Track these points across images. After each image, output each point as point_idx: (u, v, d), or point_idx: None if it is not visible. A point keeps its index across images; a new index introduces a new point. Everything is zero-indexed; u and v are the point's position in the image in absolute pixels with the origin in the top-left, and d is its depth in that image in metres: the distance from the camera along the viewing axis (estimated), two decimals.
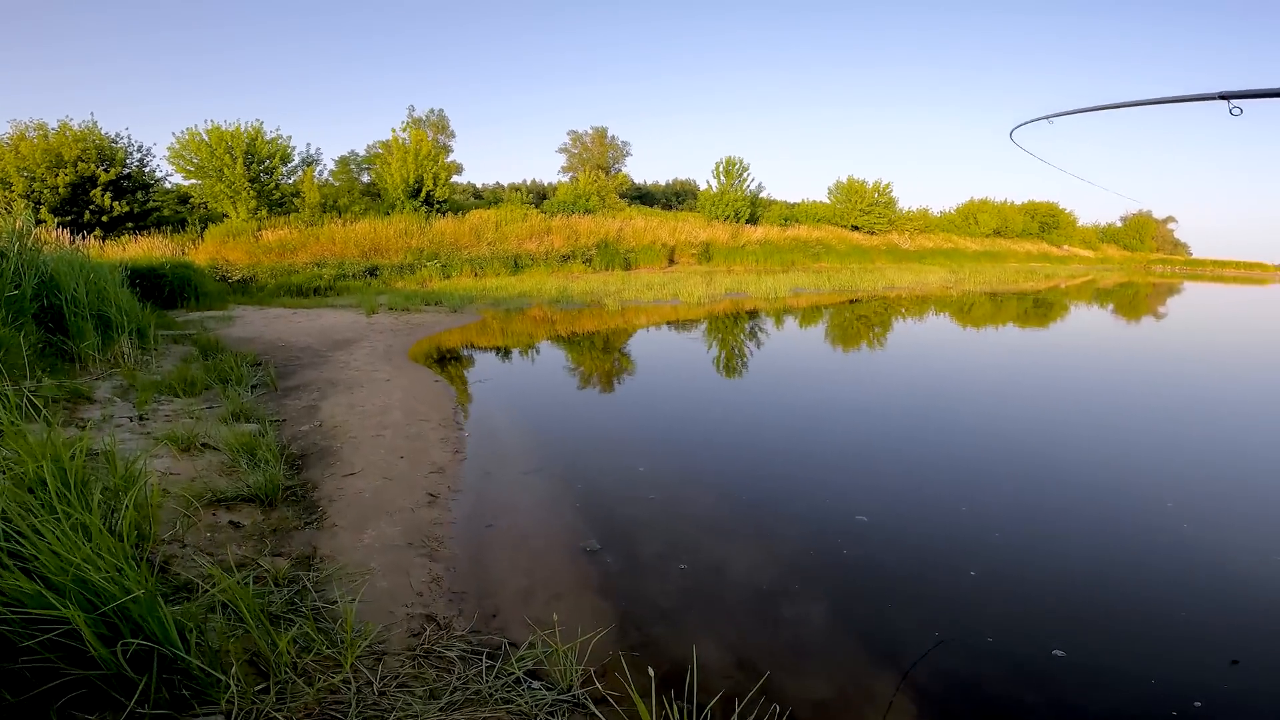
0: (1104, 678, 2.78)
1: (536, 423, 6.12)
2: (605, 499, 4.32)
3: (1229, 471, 5.68)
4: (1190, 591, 3.50)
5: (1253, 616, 3.29)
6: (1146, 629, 3.15)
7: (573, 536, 3.79)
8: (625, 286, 17.47)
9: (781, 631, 2.99)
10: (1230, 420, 7.51)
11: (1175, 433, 6.89)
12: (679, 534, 3.86)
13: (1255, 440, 6.75)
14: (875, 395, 8.04)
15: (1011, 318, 17.28)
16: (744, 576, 3.42)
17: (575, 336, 11.20)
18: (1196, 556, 3.93)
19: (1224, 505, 4.89)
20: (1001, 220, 46.62)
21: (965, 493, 4.78)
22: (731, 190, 30.47)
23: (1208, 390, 9.37)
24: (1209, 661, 2.91)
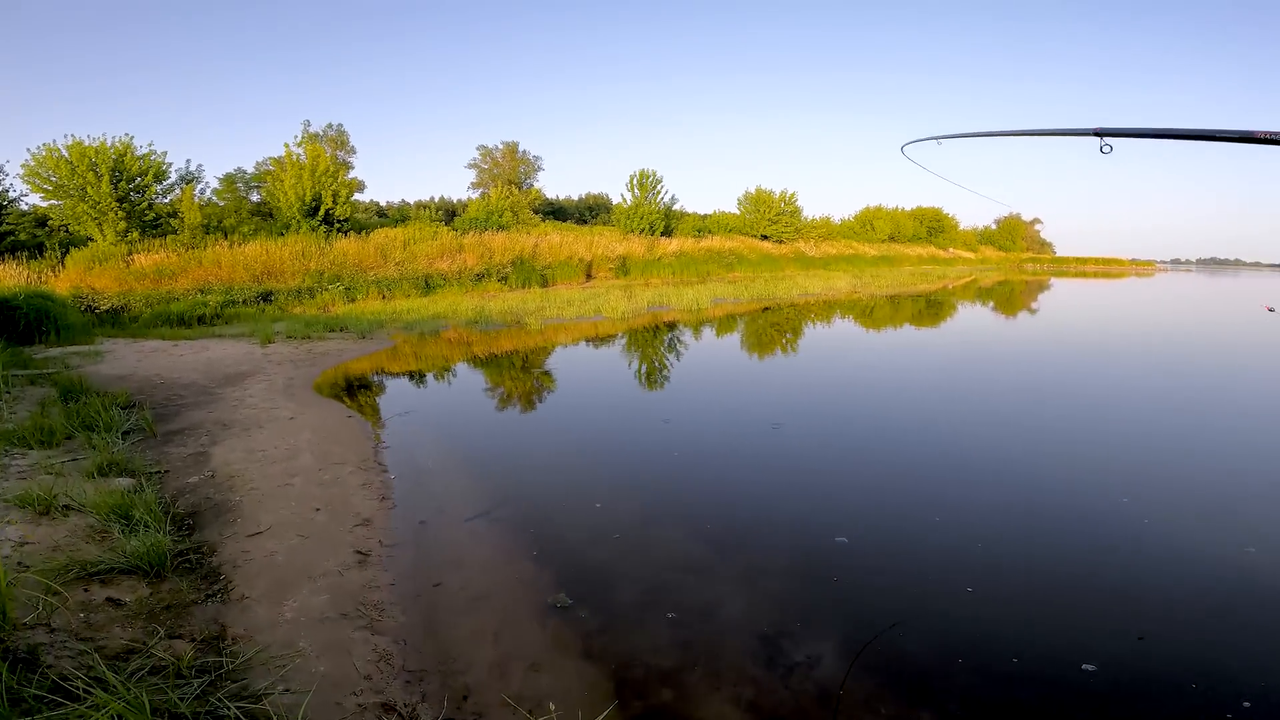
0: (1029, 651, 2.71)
1: (472, 459, 5.54)
2: (565, 544, 3.88)
3: (1146, 456, 6.01)
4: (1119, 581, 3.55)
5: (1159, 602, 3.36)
6: (1064, 610, 3.13)
7: (538, 592, 3.34)
8: (545, 304, 16.98)
9: (798, 682, 2.69)
10: (1133, 401, 8.06)
11: (1089, 420, 7.28)
12: (655, 577, 3.50)
13: (1161, 421, 7.25)
14: (821, 403, 8.04)
15: (912, 318, 18.21)
16: (740, 619, 3.12)
17: (500, 359, 10.64)
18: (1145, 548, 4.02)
19: (1141, 488, 5.12)
20: (895, 226, 49.71)
21: (942, 502, 4.76)
22: (646, 203, 30.61)
23: (1108, 376, 10.08)
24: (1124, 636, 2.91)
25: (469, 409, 7.44)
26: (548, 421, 6.96)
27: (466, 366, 9.93)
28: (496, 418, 7.12)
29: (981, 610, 3.22)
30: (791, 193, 37.82)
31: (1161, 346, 14.29)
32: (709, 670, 2.74)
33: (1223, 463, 5.93)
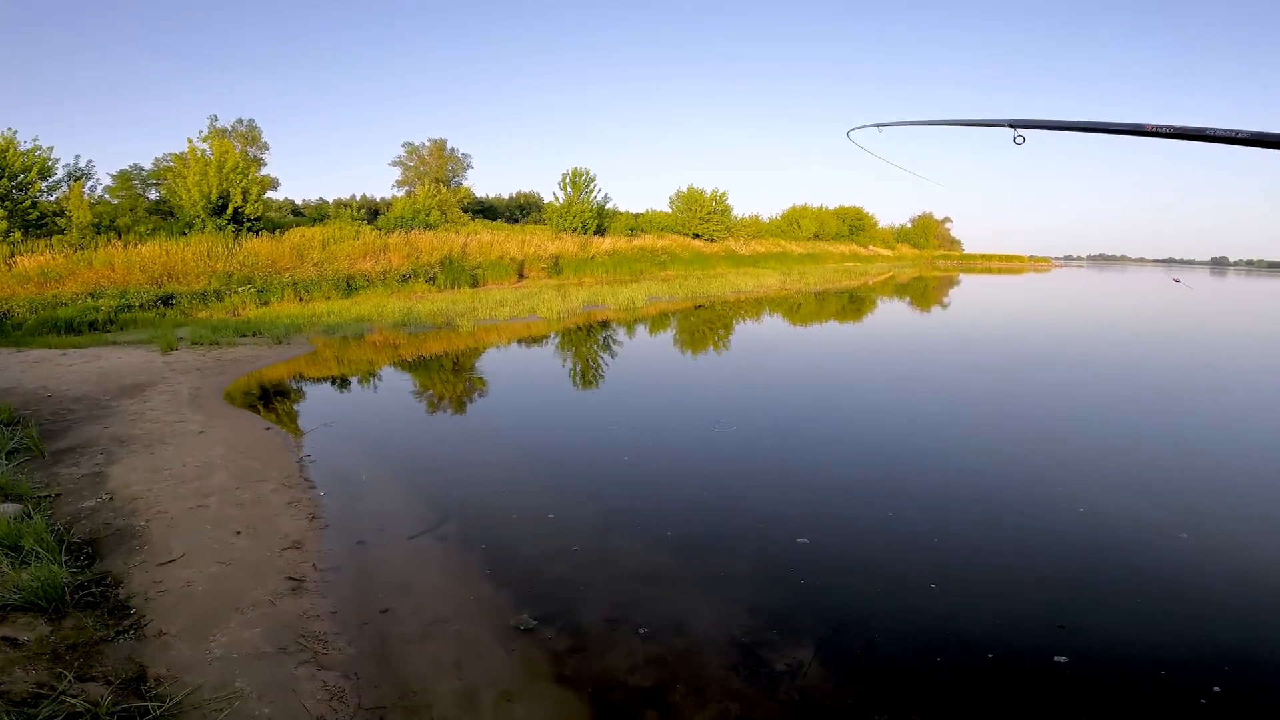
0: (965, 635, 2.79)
1: (409, 472, 5.16)
2: (521, 560, 3.64)
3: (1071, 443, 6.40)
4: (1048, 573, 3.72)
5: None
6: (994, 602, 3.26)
7: (498, 613, 3.09)
8: (477, 305, 16.49)
9: (784, 693, 2.59)
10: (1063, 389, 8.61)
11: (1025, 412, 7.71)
12: (620, 590, 3.32)
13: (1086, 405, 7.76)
14: (767, 401, 8.12)
15: (843, 314, 18.87)
16: (714, 630, 2.98)
17: (433, 363, 10.22)
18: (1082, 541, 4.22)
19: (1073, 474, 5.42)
20: (820, 224, 51.47)
21: (893, 496, 4.82)
22: (579, 202, 30.31)
23: (1035, 365, 10.72)
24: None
25: (402, 418, 7.06)
26: (488, 429, 6.66)
27: (396, 372, 9.47)
28: (433, 426, 6.79)
29: (945, 603, 3.25)
30: (722, 192, 38.46)
31: (1083, 336, 15.36)
32: (691, 687, 2.59)
33: (1154, 448, 6.37)
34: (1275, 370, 11.57)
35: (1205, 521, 4.34)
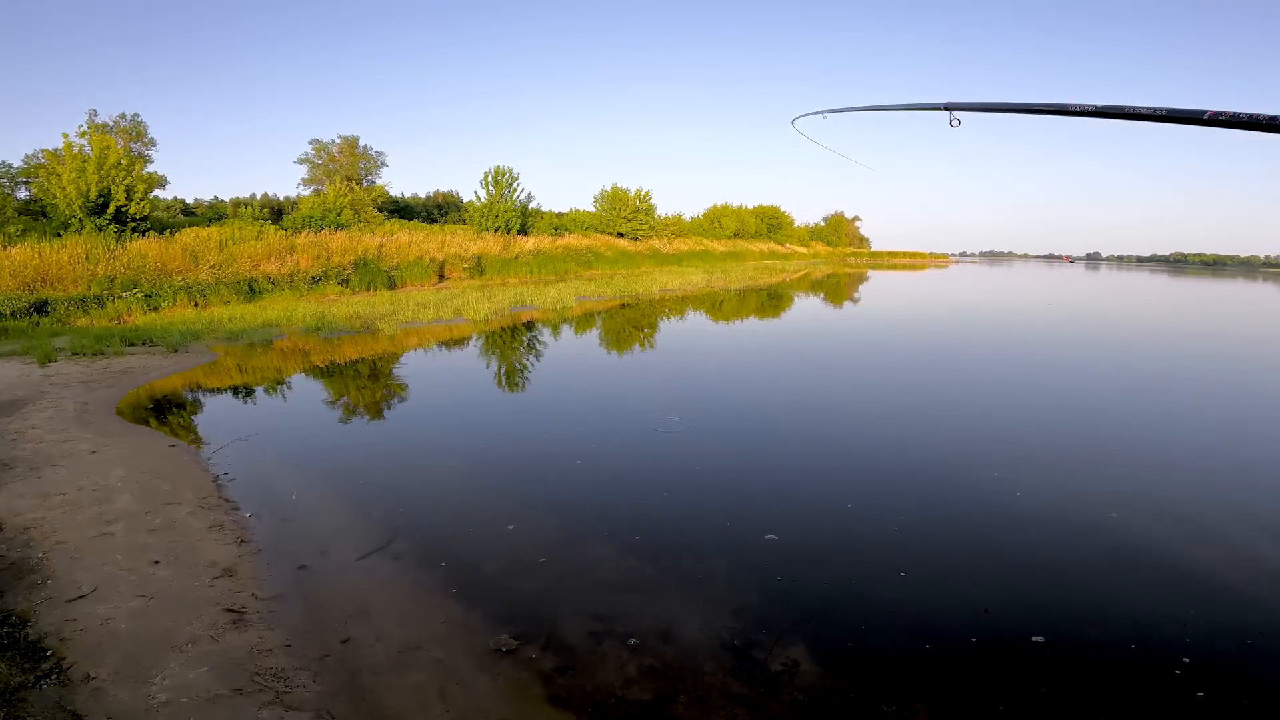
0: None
1: (344, 487, 4.73)
2: (487, 576, 3.38)
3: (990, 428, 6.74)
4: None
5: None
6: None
7: (474, 635, 2.84)
8: (397, 308, 15.71)
9: (786, 691, 2.50)
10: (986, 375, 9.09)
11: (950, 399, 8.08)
12: (599, 601, 3.13)
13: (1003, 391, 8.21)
14: (715, 398, 8.12)
15: (770, 310, 19.38)
16: (704, 635, 2.85)
17: (355, 370, 9.60)
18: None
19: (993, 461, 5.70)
20: (740, 223, 52.77)
21: (848, 486, 4.92)
22: (501, 201, 29.59)
23: (956, 352, 11.29)
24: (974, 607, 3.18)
25: (329, 429, 6.53)
26: (427, 437, 6.25)
27: (316, 380, 8.82)
28: (365, 437, 6.33)
29: (917, 591, 3.29)
30: (646, 191, 38.62)
31: (993, 325, 16.38)
32: (694, 696, 2.45)
33: (1071, 430, 6.81)
34: (1171, 354, 12.77)
35: (1139, 502, 4.64)
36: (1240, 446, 6.15)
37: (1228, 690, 2.49)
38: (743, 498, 4.52)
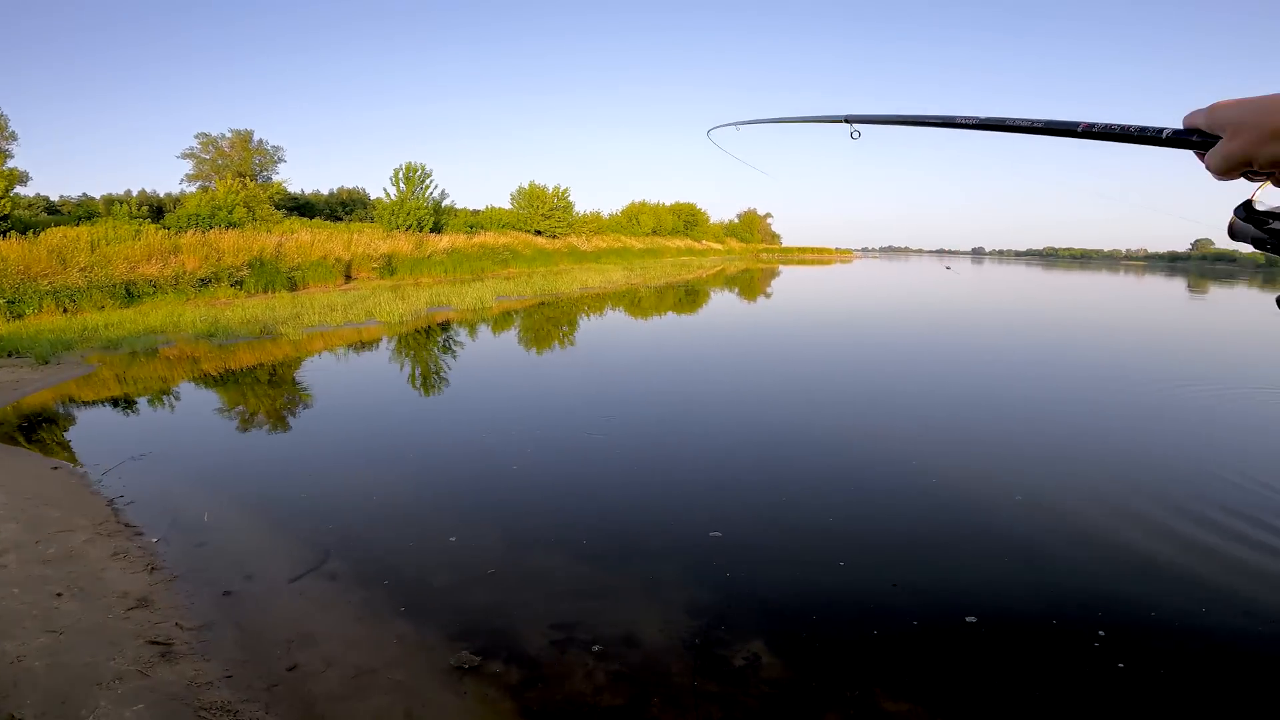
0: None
1: (261, 505, 4.31)
2: (436, 592, 3.16)
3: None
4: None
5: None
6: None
7: (432, 654, 2.65)
8: (301, 310, 14.70)
9: (754, 686, 2.44)
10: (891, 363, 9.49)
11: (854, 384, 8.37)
12: (555, 609, 2.99)
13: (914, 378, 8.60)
14: (645, 395, 8.03)
15: (690, 305, 19.64)
16: (666, 636, 2.77)
17: (258, 378, 8.84)
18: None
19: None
20: (657, 220, 53.31)
21: (780, 478, 4.97)
22: (413, 198, 28.38)
23: (863, 342, 11.77)
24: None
25: (235, 444, 5.93)
26: (348, 448, 5.80)
27: (213, 391, 8.06)
28: (278, 450, 5.79)
29: (857, 578, 3.35)
30: (564, 188, 38.16)
31: (906, 317, 17.23)
32: (666, 697, 2.38)
33: (981, 415, 7.20)
34: (1049, 344, 13.88)
35: (1040, 484, 4.94)
36: (1116, 424, 6.72)
37: (1141, 658, 2.64)
38: (683, 495, 4.47)
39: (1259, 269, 78.21)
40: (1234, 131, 0.64)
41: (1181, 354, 11.74)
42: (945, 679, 2.53)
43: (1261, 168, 0.63)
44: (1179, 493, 4.51)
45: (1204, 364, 10.51)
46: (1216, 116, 0.66)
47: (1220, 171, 0.67)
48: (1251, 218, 0.68)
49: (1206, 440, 6.02)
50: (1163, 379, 9.02)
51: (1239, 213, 0.69)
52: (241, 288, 18.24)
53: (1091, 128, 0.73)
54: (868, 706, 2.35)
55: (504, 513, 4.21)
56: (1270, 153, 0.61)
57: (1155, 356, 11.36)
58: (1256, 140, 0.61)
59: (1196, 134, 0.68)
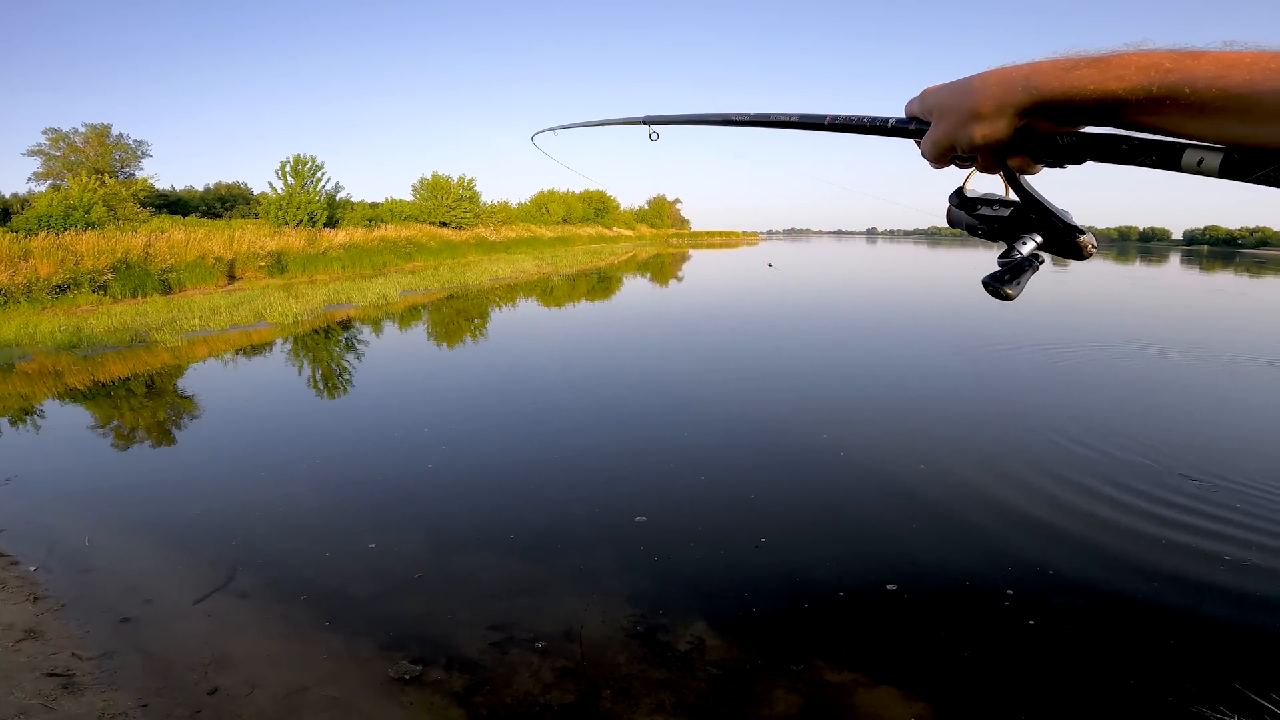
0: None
1: (149, 524, 3.87)
2: (362, 602, 2.94)
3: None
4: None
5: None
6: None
7: (367, 666, 2.47)
8: (178, 315, 13.40)
9: (700, 668, 2.40)
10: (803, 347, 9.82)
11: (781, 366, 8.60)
12: (490, 609, 2.85)
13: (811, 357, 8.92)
14: (558, 385, 7.87)
15: (602, 293, 19.57)
16: (606, 626, 2.71)
17: (132, 391, 7.96)
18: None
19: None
20: (567, 208, 52.77)
21: (699, 460, 5.01)
22: (303, 192, 26.54)
23: (774, 327, 12.10)
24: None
25: (113, 461, 5.27)
26: (244, 458, 5.30)
27: (82, 407, 7.17)
28: (163, 466, 5.18)
29: (781, 554, 3.40)
30: (470, 178, 36.97)
31: (809, 297, 17.84)
32: (616, 689, 2.31)
33: (881, 389, 7.53)
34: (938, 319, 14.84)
35: (942, 453, 5.23)
36: (993, 390, 7.28)
37: (1048, 616, 2.79)
38: (604, 483, 4.41)
39: (1112, 243, 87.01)
40: (939, 116, 0.60)
41: (1022, 321, 12.89)
42: (878, 645, 2.61)
43: (964, 152, 0.60)
44: (1052, 456, 4.90)
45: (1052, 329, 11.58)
46: (926, 102, 0.63)
47: (931, 158, 0.64)
48: (963, 204, 0.67)
49: (1063, 399, 6.61)
50: (998, 342, 9.85)
51: (953, 200, 0.68)
52: (106, 293, 16.42)
53: (835, 120, 0.72)
54: (814, 679, 2.38)
55: (423, 514, 3.99)
56: (967, 136, 0.58)
57: (1000, 324, 12.40)
58: (957, 124, 0.58)
59: (914, 121, 0.65)
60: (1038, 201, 0.61)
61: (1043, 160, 0.59)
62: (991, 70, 0.57)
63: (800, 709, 2.23)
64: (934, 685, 2.35)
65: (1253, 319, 14.36)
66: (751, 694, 2.30)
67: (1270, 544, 3.31)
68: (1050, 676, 2.40)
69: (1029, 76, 0.53)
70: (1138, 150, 0.52)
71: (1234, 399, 6.75)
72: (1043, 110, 0.54)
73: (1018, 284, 0.60)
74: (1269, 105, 0.42)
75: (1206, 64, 0.45)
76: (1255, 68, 0.43)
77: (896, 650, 2.58)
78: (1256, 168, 0.46)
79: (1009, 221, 0.63)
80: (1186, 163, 0.49)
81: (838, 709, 2.24)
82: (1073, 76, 0.51)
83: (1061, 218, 0.60)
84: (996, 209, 0.64)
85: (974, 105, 0.56)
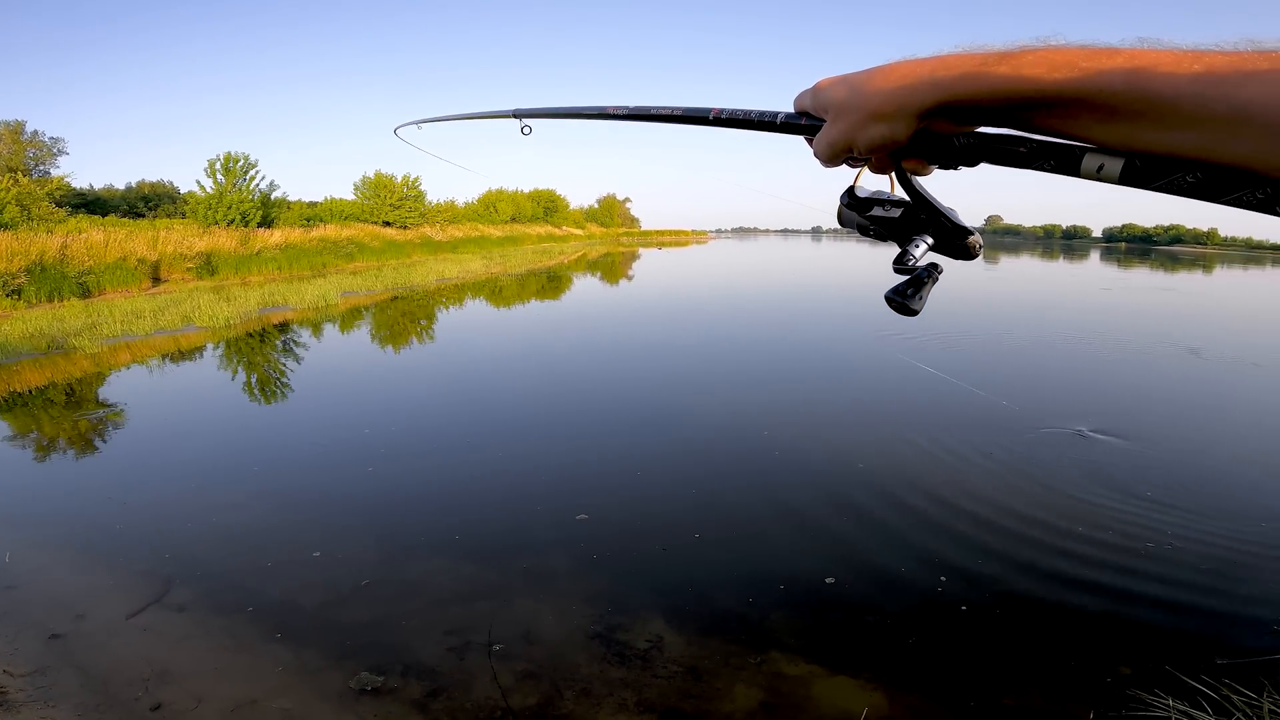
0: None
1: (79, 537, 3.66)
2: (310, 611, 2.84)
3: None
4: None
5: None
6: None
7: (324, 678, 2.39)
8: (98, 320, 12.60)
9: (661, 665, 2.40)
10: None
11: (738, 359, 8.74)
12: (443, 614, 2.78)
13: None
14: (494, 381, 7.79)
15: (551, 293, 19.45)
16: (563, 627, 2.69)
17: (52, 399, 7.43)
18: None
19: None
20: (516, 207, 52.22)
21: (634, 456, 5.02)
22: (235, 191, 25.38)
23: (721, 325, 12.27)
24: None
25: (30, 475, 4.89)
26: (174, 467, 4.98)
27: None
28: (86, 477, 4.84)
29: (719, 550, 3.44)
30: (415, 177, 36.14)
31: (751, 298, 18.14)
32: (578, 690, 2.30)
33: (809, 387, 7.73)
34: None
35: (878, 448, 5.41)
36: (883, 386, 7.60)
37: (983, 604, 2.89)
38: (545, 481, 4.38)
39: (1038, 240, 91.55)
40: (835, 115, 0.56)
41: (987, 312, 13.52)
42: (828, 637, 2.65)
43: (860, 153, 0.57)
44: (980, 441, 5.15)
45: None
46: (820, 98, 0.58)
47: (824, 159, 0.60)
48: (855, 204, 0.65)
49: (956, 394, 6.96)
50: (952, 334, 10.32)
51: (844, 199, 0.65)
52: (19, 297, 15.31)
53: (721, 114, 0.69)
54: (772, 673, 2.41)
55: (368, 520, 3.87)
56: (868, 138, 0.54)
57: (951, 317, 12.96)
58: (857, 124, 0.54)
59: (805, 117, 0.62)
60: (928, 201, 0.59)
61: (937, 162, 0.57)
62: (893, 65, 0.53)
63: (761, 703, 2.25)
64: (886, 673, 2.41)
65: (1166, 313, 15.44)
66: (713, 689, 2.32)
67: (1192, 527, 3.54)
68: (989, 660, 2.49)
69: (935, 73, 0.50)
70: (1036, 153, 0.50)
71: (1154, 384, 7.24)
72: (945, 110, 0.51)
73: (920, 298, 0.59)
74: (1188, 111, 0.40)
75: (1124, 63, 0.42)
76: (1178, 70, 0.40)
77: (845, 640, 2.64)
78: (1159, 175, 0.44)
79: (899, 222, 0.61)
80: (1086, 168, 0.47)
81: (797, 700, 2.28)
82: (983, 74, 0.47)
83: (950, 218, 0.59)
84: (888, 209, 0.62)
85: (875, 106, 0.53)
